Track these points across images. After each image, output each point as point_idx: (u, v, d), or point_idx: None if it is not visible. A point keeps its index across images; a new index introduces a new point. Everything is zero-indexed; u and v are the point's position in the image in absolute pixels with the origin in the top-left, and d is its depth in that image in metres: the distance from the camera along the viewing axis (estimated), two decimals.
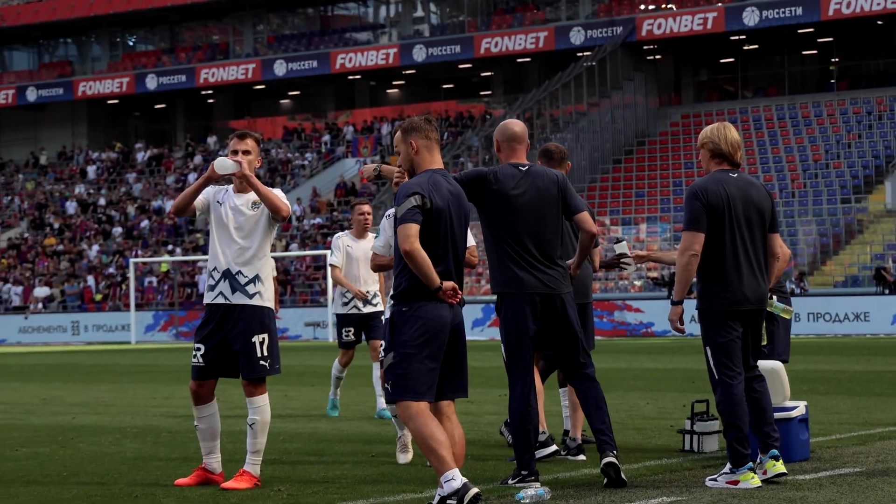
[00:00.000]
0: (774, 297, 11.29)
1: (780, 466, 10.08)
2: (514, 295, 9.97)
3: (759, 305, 10.11)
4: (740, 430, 9.91)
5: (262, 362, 10.10)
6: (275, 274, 14.23)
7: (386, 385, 8.96)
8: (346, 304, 16.19)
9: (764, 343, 10.69)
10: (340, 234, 16.04)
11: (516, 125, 10.28)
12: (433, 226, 8.82)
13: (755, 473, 9.95)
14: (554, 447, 11.72)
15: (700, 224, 9.95)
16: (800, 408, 11.32)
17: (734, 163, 10.17)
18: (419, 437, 8.68)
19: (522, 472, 9.88)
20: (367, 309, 16.09)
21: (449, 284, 8.82)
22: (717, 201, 9.96)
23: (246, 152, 10.22)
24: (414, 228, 8.75)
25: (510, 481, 9.91)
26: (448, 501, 8.54)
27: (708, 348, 10.11)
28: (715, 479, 10.00)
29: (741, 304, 10.01)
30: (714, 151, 10.17)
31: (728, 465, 9.98)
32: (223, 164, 10.01)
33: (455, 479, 8.54)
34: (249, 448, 10.18)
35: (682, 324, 10.04)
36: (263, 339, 10.12)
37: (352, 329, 16.26)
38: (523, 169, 10.08)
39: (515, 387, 9.99)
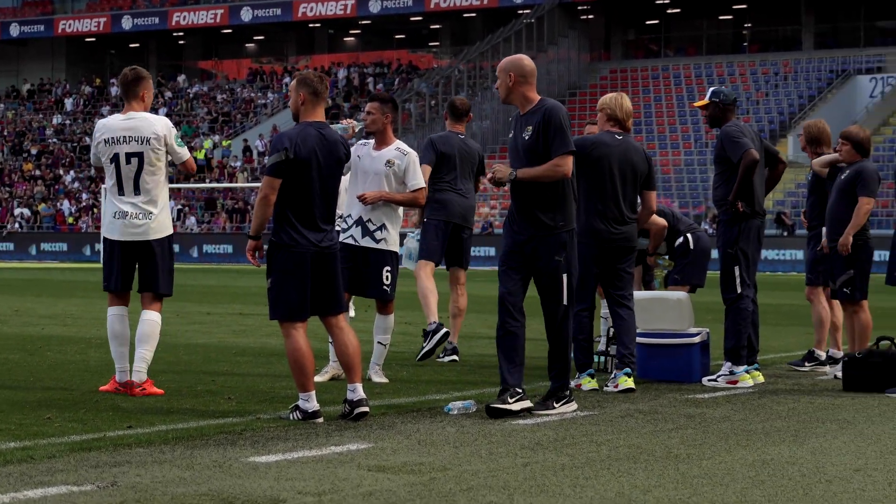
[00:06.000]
0: (662, 263, 12.68)
1: (630, 382, 10.52)
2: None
3: (625, 244, 10.78)
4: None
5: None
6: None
7: None
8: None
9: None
10: None
11: (530, 61, 9.53)
12: (297, 174, 8.83)
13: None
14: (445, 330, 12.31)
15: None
16: (702, 334, 11.49)
17: (625, 127, 10.89)
18: (287, 354, 8.91)
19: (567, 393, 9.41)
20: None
21: (252, 244, 8.99)
22: (600, 155, 10.67)
23: None
24: (271, 181, 8.78)
25: (556, 405, 9.28)
26: (296, 413, 8.78)
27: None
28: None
29: (609, 244, 10.70)
30: (610, 116, 10.90)
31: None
32: None
33: (311, 400, 8.80)
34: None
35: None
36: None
37: None
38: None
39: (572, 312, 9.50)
